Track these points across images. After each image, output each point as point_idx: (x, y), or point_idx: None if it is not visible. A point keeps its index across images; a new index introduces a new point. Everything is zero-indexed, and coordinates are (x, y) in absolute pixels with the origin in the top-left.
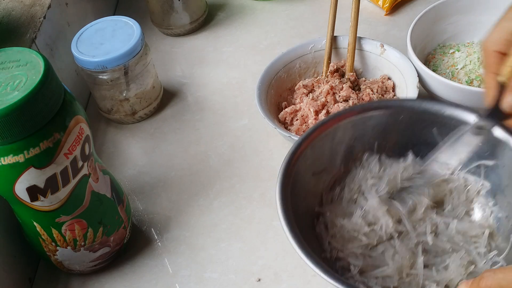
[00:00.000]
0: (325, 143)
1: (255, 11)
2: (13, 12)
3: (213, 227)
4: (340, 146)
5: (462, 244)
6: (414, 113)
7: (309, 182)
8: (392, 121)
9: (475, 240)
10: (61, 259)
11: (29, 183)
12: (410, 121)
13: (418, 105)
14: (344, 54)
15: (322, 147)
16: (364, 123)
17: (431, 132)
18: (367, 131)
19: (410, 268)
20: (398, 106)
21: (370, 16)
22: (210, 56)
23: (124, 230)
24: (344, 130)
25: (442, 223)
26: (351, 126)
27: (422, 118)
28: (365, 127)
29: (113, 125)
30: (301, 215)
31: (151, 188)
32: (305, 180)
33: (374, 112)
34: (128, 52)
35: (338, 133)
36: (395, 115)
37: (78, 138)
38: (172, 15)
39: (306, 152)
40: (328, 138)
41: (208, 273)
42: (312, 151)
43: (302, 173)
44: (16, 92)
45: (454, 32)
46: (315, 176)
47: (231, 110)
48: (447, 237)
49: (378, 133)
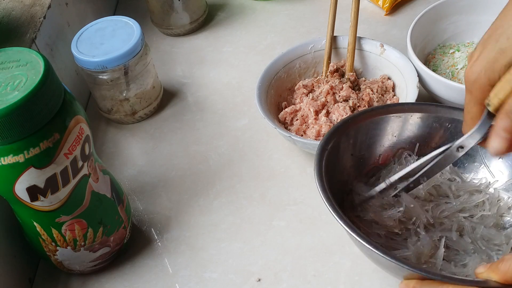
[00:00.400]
0: (370, 130)
1: (255, 11)
2: (13, 12)
3: (213, 227)
4: (382, 137)
5: (484, 248)
6: (460, 123)
7: (347, 160)
8: (437, 127)
9: (498, 248)
10: (61, 259)
11: (29, 183)
12: (454, 130)
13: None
14: (344, 54)
15: (367, 133)
16: (411, 121)
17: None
18: (412, 130)
19: (430, 257)
20: (446, 112)
21: (370, 16)
22: (210, 56)
23: (124, 230)
24: (391, 123)
25: (469, 226)
26: (398, 121)
27: None
28: (411, 126)
29: (113, 125)
30: (333, 183)
31: (151, 188)
32: (343, 156)
33: (423, 114)
34: (128, 52)
35: (385, 124)
36: (441, 121)
37: (78, 138)
38: (172, 15)
39: (350, 131)
40: (374, 126)
41: (208, 273)
42: (356, 132)
43: (342, 148)
44: (16, 92)
45: (454, 32)
46: (354, 157)
47: (231, 110)
48: (471, 239)
49: (421, 135)
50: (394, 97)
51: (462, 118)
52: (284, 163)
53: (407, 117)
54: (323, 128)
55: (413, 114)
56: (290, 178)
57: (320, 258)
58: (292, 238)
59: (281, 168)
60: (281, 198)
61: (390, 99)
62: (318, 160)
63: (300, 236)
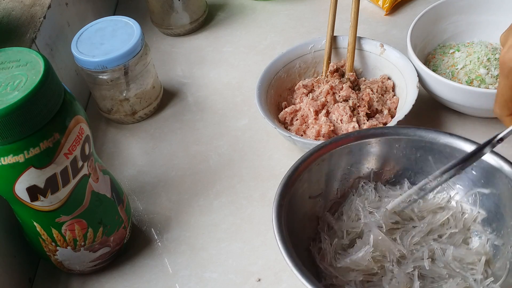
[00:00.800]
0: (322, 168)
1: (255, 11)
2: (13, 12)
3: (213, 227)
4: (336, 172)
5: (458, 270)
6: (410, 141)
7: (305, 205)
8: (387, 149)
9: (472, 267)
10: (61, 259)
11: (29, 183)
12: (405, 149)
13: (413, 133)
14: (344, 54)
15: (319, 172)
16: (360, 150)
17: (427, 159)
18: (363, 158)
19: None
20: (394, 133)
21: (370, 16)
22: (210, 56)
23: (124, 230)
24: (340, 156)
25: (439, 249)
26: (347, 152)
27: (417, 146)
28: (361, 154)
29: (113, 125)
30: (297, 235)
31: (151, 188)
32: (301, 202)
33: (370, 139)
34: (128, 52)
35: (335, 159)
36: (391, 142)
37: (78, 138)
38: (172, 15)
39: (303, 175)
40: (325, 163)
41: (208, 273)
42: (309, 175)
43: (299, 195)
44: (16, 92)
45: (454, 32)
46: (312, 199)
47: (231, 110)
48: (444, 263)
49: (374, 160)
50: (394, 97)
51: (407, 136)
52: (284, 163)
53: (355, 146)
54: (323, 128)
55: (360, 142)
56: None
57: None
58: None
59: (281, 168)
60: None
61: (390, 99)
62: (277, 220)
63: None
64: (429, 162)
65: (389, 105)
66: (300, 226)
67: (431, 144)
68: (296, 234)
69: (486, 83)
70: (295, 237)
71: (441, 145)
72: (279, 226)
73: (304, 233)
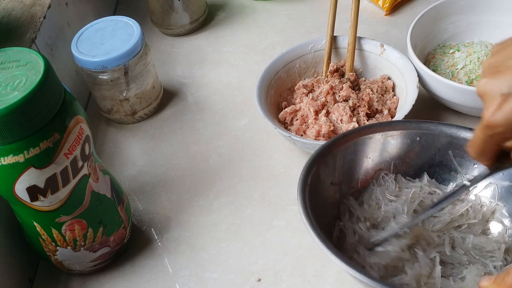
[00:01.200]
0: (346, 155)
1: (255, 11)
2: (13, 12)
3: (213, 227)
4: (358, 161)
5: (478, 257)
6: (431, 135)
7: (327, 190)
8: (409, 142)
9: (491, 254)
10: (61, 259)
11: (29, 183)
12: (426, 143)
13: (434, 128)
14: (344, 54)
15: (343, 159)
16: (382, 141)
17: (447, 154)
18: (385, 150)
19: (428, 277)
20: (416, 127)
21: (370, 16)
22: (210, 56)
23: (124, 230)
24: (363, 146)
25: (459, 237)
26: (370, 143)
27: (438, 140)
28: (383, 145)
29: (113, 125)
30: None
31: (151, 188)
32: (323, 187)
33: (393, 132)
34: (128, 52)
35: (358, 148)
36: (412, 136)
37: (78, 138)
38: (172, 15)
39: (327, 160)
40: (349, 151)
41: (208, 273)
42: (333, 160)
43: (321, 179)
44: (16, 92)
45: (454, 32)
46: (334, 185)
47: (231, 110)
48: (464, 250)
49: (395, 152)
50: (394, 97)
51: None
52: (284, 163)
53: (377, 137)
54: (323, 128)
55: (383, 134)
56: (290, 178)
57: (320, 258)
58: (292, 238)
59: (281, 168)
60: (281, 198)
61: (390, 99)
62: (302, 196)
63: (300, 236)
64: (449, 156)
65: (389, 105)
66: (322, 211)
67: (451, 138)
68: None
69: None
70: (318, 217)
71: (461, 140)
72: (303, 202)
73: (326, 217)
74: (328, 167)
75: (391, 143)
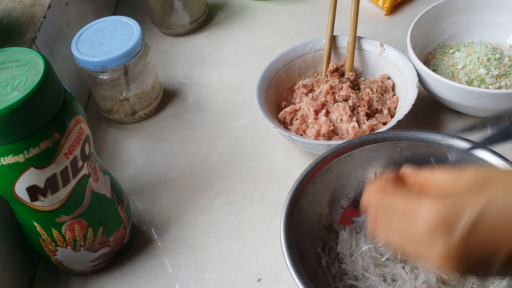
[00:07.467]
0: (326, 179)
1: (255, 11)
2: (13, 12)
3: (213, 227)
4: (341, 179)
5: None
6: (411, 144)
7: (313, 216)
8: (390, 153)
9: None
10: (61, 259)
11: (29, 183)
12: (408, 152)
13: (414, 136)
14: (343, 54)
15: (323, 183)
16: (362, 156)
17: (429, 161)
18: (367, 163)
19: None
20: (395, 138)
21: (370, 16)
22: (210, 56)
23: (124, 230)
24: (343, 164)
25: None
26: (349, 160)
27: (418, 148)
28: (364, 160)
29: (113, 125)
30: (305, 249)
31: (151, 188)
32: (309, 215)
33: (372, 145)
34: (128, 52)
35: (338, 168)
36: (392, 147)
37: (78, 138)
38: (172, 15)
39: (307, 189)
40: (328, 174)
41: (208, 273)
42: (314, 187)
43: (305, 209)
44: (16, 92)
45: (454, 32)
46: (319, 209)
47: (231, 110)
48: None
49: (377, 164)
50: (394, 96)
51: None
52: (284, 163)
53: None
54: (322, 127)
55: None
56: (290, 178)
57: None
58: None
59: (281, 168)
60: (281, 198)
61: (390, 99)
62: (286, 239)
63: None
64: (431, 163)
65: (388, 104)
66: (309, 239)
67: (431, 145)
68: (304, 249)
69: (486, 83)
70: (303, 253)
71: (443, 147)
72: (288, 246)
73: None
74: (311, 195)
75: (372, 156)
